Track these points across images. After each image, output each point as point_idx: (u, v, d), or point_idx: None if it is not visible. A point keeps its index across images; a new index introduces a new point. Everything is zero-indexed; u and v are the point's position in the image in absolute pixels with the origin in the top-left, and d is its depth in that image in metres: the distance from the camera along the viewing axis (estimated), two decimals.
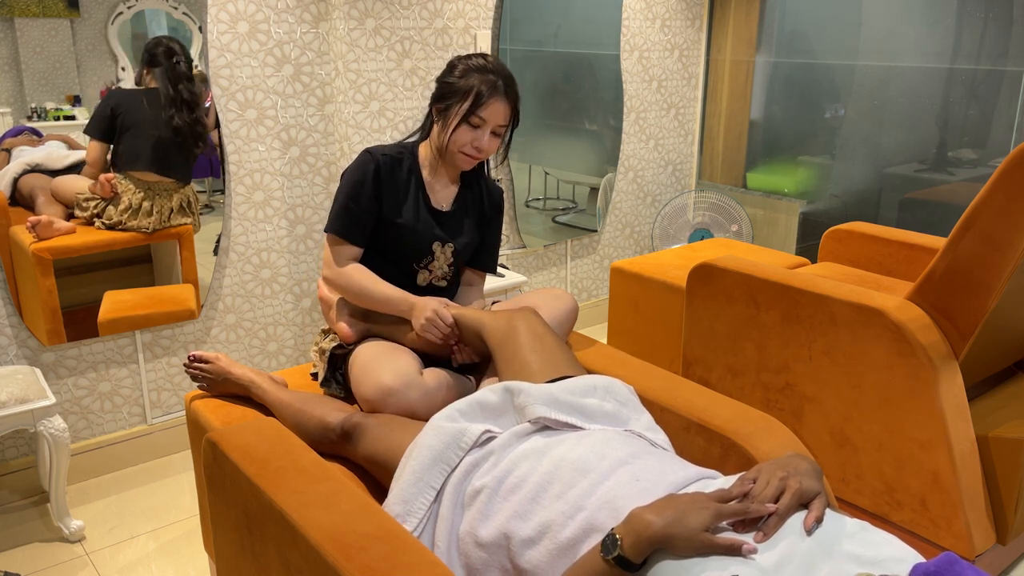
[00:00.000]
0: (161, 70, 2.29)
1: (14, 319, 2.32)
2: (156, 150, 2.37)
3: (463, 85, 1.77)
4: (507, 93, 1.79)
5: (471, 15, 3.00)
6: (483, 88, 1.75)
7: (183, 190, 2.46)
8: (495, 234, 2.00)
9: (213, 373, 1.84)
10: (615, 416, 1.45)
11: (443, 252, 1.89)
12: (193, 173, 2.58)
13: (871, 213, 3.48)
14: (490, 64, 1.80)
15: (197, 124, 2.41)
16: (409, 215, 1.84)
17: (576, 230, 3.68)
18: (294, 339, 2.87)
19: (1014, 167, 1.74)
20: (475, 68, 1.78)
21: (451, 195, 1.91)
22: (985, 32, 3.02)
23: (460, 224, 1.91)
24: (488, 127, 1.79)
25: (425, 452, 1.37)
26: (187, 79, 2.35)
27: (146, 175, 2.37)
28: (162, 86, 2.32)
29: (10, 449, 2.42)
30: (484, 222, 1.97)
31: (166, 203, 2.38)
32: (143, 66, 2.31)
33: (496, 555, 1.24)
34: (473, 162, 1.84)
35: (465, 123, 1.77)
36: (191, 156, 2.47)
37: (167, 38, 2.32)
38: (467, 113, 1.76)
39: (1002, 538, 1.94)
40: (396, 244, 1.84)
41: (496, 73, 1.79)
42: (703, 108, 4.01)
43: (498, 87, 1.77)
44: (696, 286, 2.40)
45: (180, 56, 2.30)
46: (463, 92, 1.77)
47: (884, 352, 1.95)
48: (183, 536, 2.26)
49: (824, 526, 1.04)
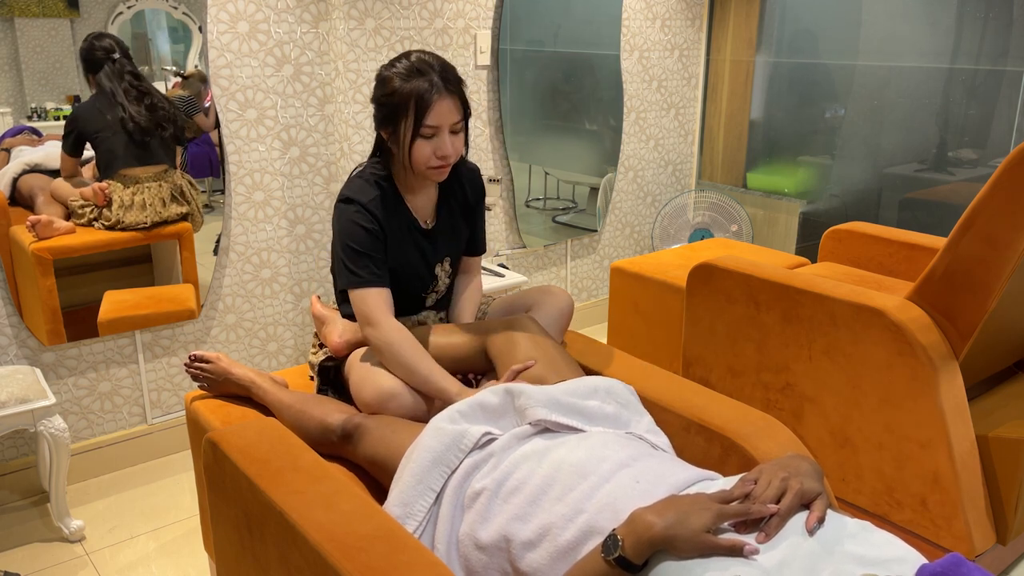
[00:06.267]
0: (104, 72, 2.29)
1: (14, 319, 2.32)
2: (130, 146, 2.37)
3: (399, 98, 1.63)
4: (448, 87, 1.63)
5: (471, 15, 3.00)
6: (421, 93, 1.61)
7: (171, 177, 2.45)
8: (481, 218, 1.94)
9: (214, 373, 1.84)
10: (616, 418, 1.45)
11: (443, 269, 1.88)
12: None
13: (871, 213, 3.48)
14: (417, 63, 1.64)
15: (156, 110, 2.39)
16: (411, 253, 1.78)
17: (576, 230, 3.68)
18: (294, 339, 2.87)
19: (1014, 167, 1.74)
20: (403, 74, 1.63)
21: (432, 203, 1.83)
22: (985, 32, 3.02)
23: (451, 232, 1.87)
24: (443, 131, 1.65)
25: (425, 454, 1.37)
26: (130, 73, 2.33)
27: (129, 170, 2.37)
28: (108, 87, 2.32)
29: (10, 449, 2.42)
30: (469, 212, 1.90)
31: (156, 194, 2.39)
32: (85, 74, 2.30)
33: (496, 557, 1.24)
34: (445, 171, 1.71)
35: (418, 137, 1.64)
36: (167, 140, 2.45)
37: (95, 36, 2.25)
38: (415, 126, 1.63)
39: (1002, 538, 1.94)
40: (402, 283, 1.80)
41: (426, 70, 1.63)
42: (703, 108, 4.01)
43: (436, 85, 1.62)
44: (696, 286, 2.40)
45: (116, 50, 2.28)
46: (402, 106, 1.63)
47: (884, 352, 1.95)
48: (183, 536, 2.26)
49: (825, 527, 1.04)
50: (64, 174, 2.35)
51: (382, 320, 1.66)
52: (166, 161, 2.46)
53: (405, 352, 1.64)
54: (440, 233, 1.85)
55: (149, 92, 2.39)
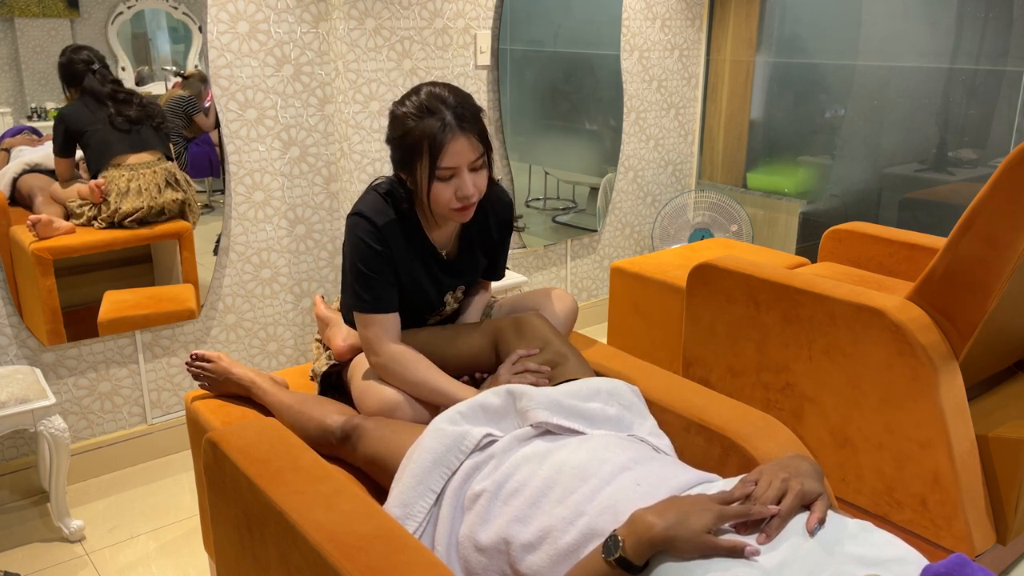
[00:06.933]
0: (86, 82, 2.30)
1: (14, 319, 2.32)
2: (121, 134, 2.39)
3: (412, 139, 1.53)
4: (462, 125, 1.52)
5: (471, 15, 3.00)
6: (434, 134, 1.51)
7: (164, 165, 2.45)
8: (504, 250, 1.88)
9: (214, 373, 1.84)
10: (618, 421, 1.44)
11: (454, 296, 1.83)
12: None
13: (871, 213, 3.48)
14: (427, 100, 1.53)
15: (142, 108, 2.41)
16: (423, 280, 1.72)
17: (576, 230, 3.68)
18: (294, 339, 2.87)
19: (1014, 167, 1.74)
20: (414, 113, 1.53)
21: (454, 233, 1.75)
22: (985, 32, 3.02)
23: (470, 265, 1.81)
24: (463, 171, 1.54)
25: (426, 455, 1.36)
26: (112, 81, 2.35)
27: (123, 158, 2.38)
28: (92, 89, 2.33)
29: (10, 449, 2.42)
30: (492, 245, 1.83)
31: (151, 180, 2.39)
32: (67, 89, 2.30)
33: (496, 560, 1.23)
34: (470, 212, 1.61)
35: (436, 180, 1.54)
36: (159, 130, 2.47)
37: (72, 49, 2.27)
38: (431, 169, 1.53)
39: (1002, 538, 1.94)
40: (410, 305, 1.75)
41: (437, 108, 1.52)
42: (703, 108, 4.01)
43: (448, 124, 1.51)
44: (696, 286, 2.40)
45: (95, 61, 2.30)
46: (415, 148, 1.53)
47: (884, 352, 1.95)
48: (183, 536, 2.26)
49: (826, 527, 1.04)
50: (61, 179, 2.35)
51: (382, 348, 1.64)
52: (159, 148, 2.46)
53: (410, 371, 1.62)
54: (459, 265, 1.79)
55: (132, 98, 2.41)
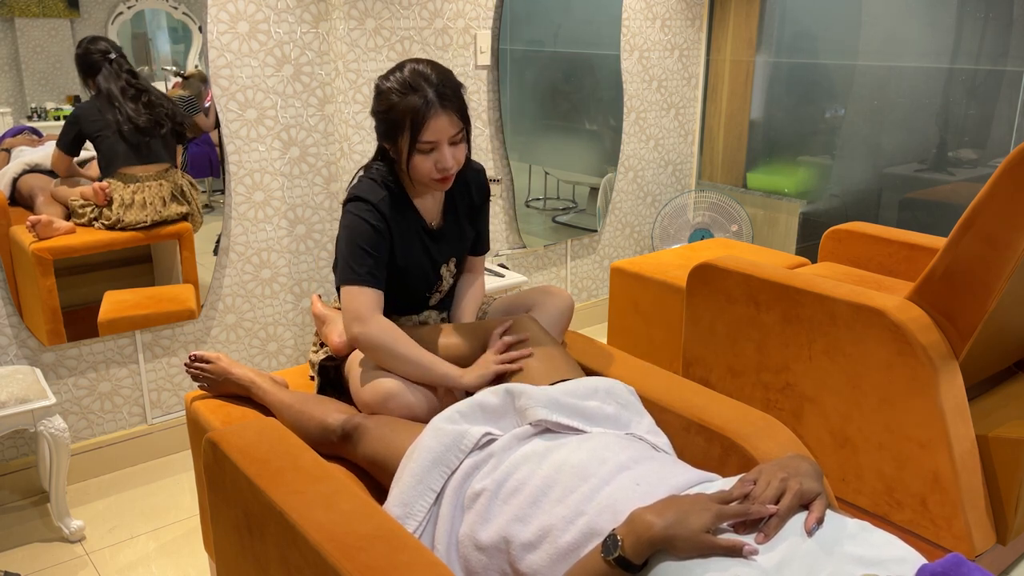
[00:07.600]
0: (102, 75, 2.29)
1: (14, 319, 2.32)
2: (130, 144, 2.38)
3: (395, 114, 1.61)
4: (443, 102, 1.60)
5: (471, 15, 3.00)
6: (416, 109, 1.59)
7: (172, 177, 2.45)
8: (485, 218, 1.94)
9: (214, 373, 1.84)
10: (616, 419, 1.45)
11: (448, 269, 1.88)
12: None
13: (871, 213, 3.48)
14: (410, 77, 1.61)
15: (154, 107, 2.39)
16: (417, 253, 1.78)
17: (576, 230, 3.68)
18: (294, 339, 2.87)
19: (1014, 167, 1.74)
20: (398, 89, 1.61)
21: (439, 204, 1.83)
22: (985, 32, 3.02)
23: (457, 233, 1.88)
24: (442, 144, 1.63)
25: (425, 454, 1.37)
26: (127, 72, 2.33)
27: (130, 169, 2.38)
28: (106, 88, 2.32)
29: (10, 449, 2.42)
30: (475, 212, 1.91)
31: (156, 193, 2.39)
32: (84, 79, 2.29)
33: (496, 559, 1.23)
34: (448, 182, 1.69)
35: (416, 153, 1.63)
36: (167, 138, 2.46)
37: (89, 40, 2.26)
38: (411, 142, 1.62)
39: (1002, 538, 1.94)
40: (407, 282, 1.80)
41: (420, 85, 1.60)
42: (703, 108, 4.01)
43: (430, 101, 1.59)
44: (696, 286, 2.40)
45: (112, 51, 2.29)
46: (398, 123, 1.61)
47: (884, 352, 1.95)
48: (183, 536, 2.26)
49: (825, 527, 1.04)
50: (57, 172, 2.35)
51: (369, 317, 1.64)
52: (167, 160, 2.46)
53: (399, 346, 1.63)
54: (447, 234, 1.85)
55: (147, 90, 2.40)
